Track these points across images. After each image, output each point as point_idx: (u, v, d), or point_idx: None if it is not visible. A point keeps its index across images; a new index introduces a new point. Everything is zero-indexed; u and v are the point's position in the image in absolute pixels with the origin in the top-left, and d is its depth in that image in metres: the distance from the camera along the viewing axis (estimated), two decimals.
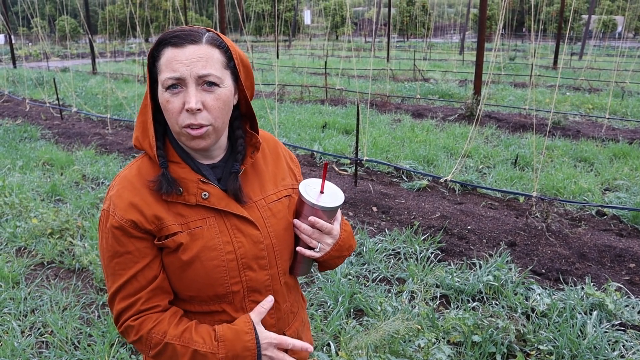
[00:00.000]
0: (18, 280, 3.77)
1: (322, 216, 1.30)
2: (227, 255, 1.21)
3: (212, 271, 1.20)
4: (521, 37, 44.97)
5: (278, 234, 1.30)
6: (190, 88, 1.12)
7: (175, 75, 1.11)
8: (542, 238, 4.32)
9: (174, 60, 1.12)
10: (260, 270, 1.26)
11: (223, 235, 1.21)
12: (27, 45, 34.24)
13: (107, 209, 1.19)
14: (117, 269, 1.18)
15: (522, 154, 6.87)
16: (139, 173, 1.21)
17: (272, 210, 1.31)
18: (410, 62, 19.74)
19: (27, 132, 8.62)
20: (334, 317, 3.12)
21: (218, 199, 1.22)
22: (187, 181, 1.20)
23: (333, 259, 1.36)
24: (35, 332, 3.16)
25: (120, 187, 1.20)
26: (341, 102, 11.53)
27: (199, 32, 1.16)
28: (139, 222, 1.16)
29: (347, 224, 1.44)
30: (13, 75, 15.86)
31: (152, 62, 1.18)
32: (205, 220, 1.21)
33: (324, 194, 1.32)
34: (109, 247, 1.19)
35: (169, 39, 1.14)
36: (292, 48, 36.02)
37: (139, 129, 1.23)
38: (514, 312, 3.20)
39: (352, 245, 1.42)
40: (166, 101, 1.14)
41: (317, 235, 1.31)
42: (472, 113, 9.39)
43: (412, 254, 4.09)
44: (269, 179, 1.35)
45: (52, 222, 4.50)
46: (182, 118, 1.14)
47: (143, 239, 1.18)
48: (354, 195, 5.43)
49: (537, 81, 13.57)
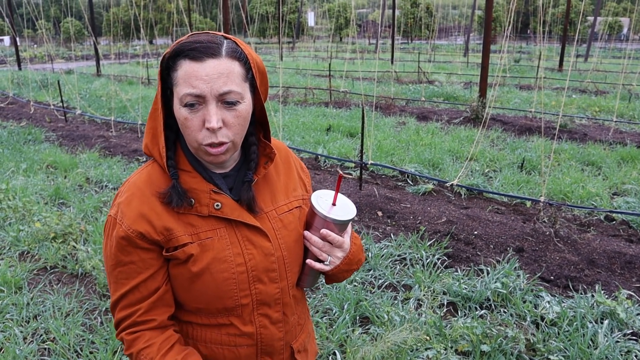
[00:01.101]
0: (21, 285, 3.73)
1: (334, 229, 1.26)
2: (238, 268, 1.18)
3: (222, 283, 1.17)
4: (526, 39, 44.86)
5: (289, 245, 1.26)
6: (210, 106, 1.08)
7: (194, 92, 1.07)
8: (550, 244, 4.26)
9: (192, 76, 1.06)
10: (270, 283, 1.23)
11: (234, 246, 1.18)
12: (33, 47, 34.35)
13: (115, 216, 1.16)
14: (120, 277, 1.16)
15: (529, 157, 6.81)
16: (149, 180, 1.18)
17: (283, 221, 1.27)
18: (415, 64, 19.68)
19: (32, 135, 8.61)
20: (339, 325, 3.07)
21: (231, 209, 1.18)
22: (198, 192, 1.17)
23: (342, 272, 1.33)
24: (37, 338, 3.12)
25: (129, 195, 1.16)
26: (345, 104, 11.49)
27: (217, 43, 1.10)
28: (147, 233, 1.13)
29: (357, 237, 1.40)
30: (18, 77, 15.89)
31: (165, 70, 1.13)
32: (216, 231, 1.17)
33: (336, 206, 1.28)
34: (112, 255, 1.16)
35: (187, 51, 1.08)
36: (296, 50, 36.04)
37: (148, 135, 1.19)
38: (522, 321, 3.14)
39: (362, 259, 1.39)
40: (184, 118, 1.09)
41: (327, 248, 1.28)
42: (477, 116, 9.33)
43: (419, 259, 4.03)
44: (281, 189, 1.32)
45: (55, 226, 4.47)
46: (202, 136, 1.10)
47: (149, 250, 1.15)
48: (359, 200, 5.38)
49: (542, 83, 13.50)
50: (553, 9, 35.00)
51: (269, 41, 46.18)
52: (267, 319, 1.25)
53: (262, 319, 1.23)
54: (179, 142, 1.21)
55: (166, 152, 1.16)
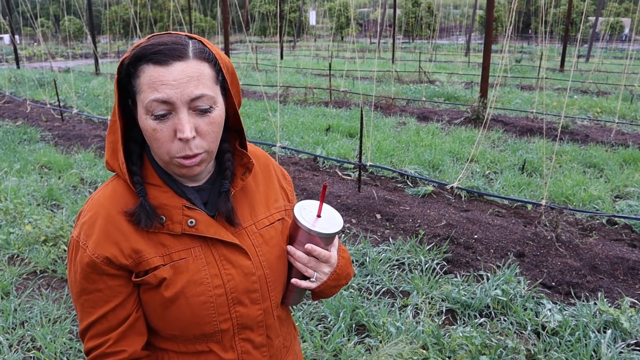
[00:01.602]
0: (8, 290, 3.64)
1: (319, 242, 1.16)
2: (215, 290, 1.07)
3: (199, 308, 1.06)
4: (527, 39, 44.73)
5: (271, 263, 1.16)
6: (181, 114, 0.97)
7: (161, 97, 0.96)
8: (551, 248, 4.17)
9: (158, 81, 0.96)
10: (252, 305, 1.12)
11: (210, 267, 1.07)
12: (32, 45, 34.26)
13: (77, 238, 1.04)
14: (86, 306, 1.05)
15: (530, 159, 6.71)
16: (114, 196, 1.06)
17: (263, 236, 1.17)
18: (416, 64, 19.58)
19: (27, 134, 8.52)
20: (334, 333, 2.97)
21: (206, 226, 1.07)
22: (169, 208, 1.05)
23: (329, 288, 1.23)
24: (23, 347, 3.03)
25: (92, 214, 1.05)
26: (345, 104, 11.39)
27: (183, 44, 0.99)
28: (114, 257, 1.02)
29: (345, 250, 1.30)
30: (15, 76, 15.80)
31: (126, 77, 1.02)
32: (190, 251, 1.06)
33: (321, 218, 1.18)
34: (77, 282, 1.05)
35: (150, 55, 0.97)
36: (296, 49, 35.94)
37: (108, 150, 1.08)
38: (523, 330, 3.05)
39: (350, 273, 1.29)
40: (152, 129, 0.98)
41: (313, 264, 1.18)
42: (478, 116, 9.24)
43: (417, 264, 3.94)
44: (260, 201, 1.21)
45: (46, 228, 4.38)
46: (174, 148, 0.99)
47: (117, 276, 1.04)
48: (357, 202, 5.28)
49: (544, 84, 13.41)
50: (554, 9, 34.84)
51: (270, 40, 46.09)
52: (250, 344, 1.14)
53: (244, 344, 1.13)
54: (146, 154, 1.10)
55: (131, 166, 1.05)
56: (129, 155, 1.06)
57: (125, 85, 1.02)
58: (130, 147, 1.07)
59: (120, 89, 1.03)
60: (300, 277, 1.20)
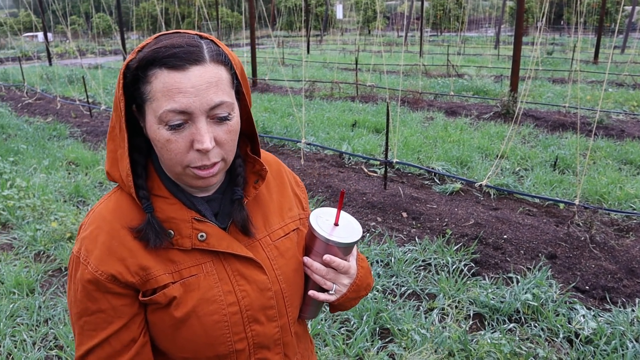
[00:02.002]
0: (33, 287, 3.67)
1: (337, 253, 1.09)
2: (230, 308, 0.99)
3: (212, 328, 0.98)
4: (559, 30, 43.62)
5: (287, 277, 1.08)
6: (200, 124, 0.89)
7: (178, 107, 0.87)
8: (585, 250, 4.00)
9: (174, 89, 0.87)
10: (268, 322, 1.05)
11: (223, 283, 0.99)
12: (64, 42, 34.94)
13: (78, 254, 0.96)
14: (86, 328, 0.96)
15: (562, 155, 6.49)
16: (117, 209, 0.98)
17: (279, 248, 1.09)
18: (444, 57, 19.26)
19: (56, 131, 8.64)
20: (357, 337, 2.89)
21: (218, 240, 0.99)
22: (178, 221, 0.97)
23: (349, 300, 1.15)
24: (46, 344, 3.04)
25: (94, 228, 0.97)
26: (372, 99, 11.25)
27: (197, 45, 0.90)
28: (119, 274, 0.94)
29: (364, 259, 1.22)
30: (47, 73, 16.11)
31: (132, 83, 0.92)
32: (202, 267, 0.99)
33: (338, 226, 1.11)
34: (77, 301, 0.96)
35: (164, 58, 0.88)
36: (323, 43, 35.79)
37: (109, 160, 1.00)
38: (555, 337, 2.92)
39: (370, 283, 1.21)
40: (166, 140, 0.90)
41: (332, 276, 1.10)
42: (508, 111, 9.00)
43: (444, 265, 3.83)
44: (274, 210, 1.13)
45: (71, 225, 4.41)
46: (189, 159, 0.92)
47: (121, 295, 0.96)
48: (383, 200, 5.18)
49: (576, 77, 12.99)
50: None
51: (297, 34, 46.01)
52: None
53: None
54: (151, 163, 1.02)
55: (136, 179, 0.97)
56: (133, 167, 0.98)
57: (130, 91, 0.94)
58: (134, 157, 0.99)
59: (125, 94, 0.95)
60: (318, 290, 1.13)
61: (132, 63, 0.92)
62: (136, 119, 0.98)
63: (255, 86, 13.52)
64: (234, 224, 1.04)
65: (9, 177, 5.75)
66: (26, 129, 8.73)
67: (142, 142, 1.00)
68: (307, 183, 5.75)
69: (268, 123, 8.70)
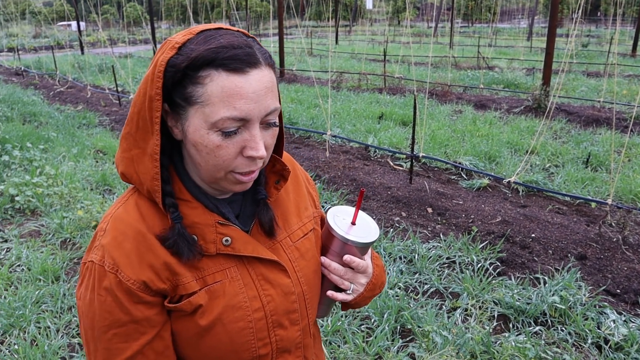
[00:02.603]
0: (59, 275, 3.72)
1: (355, 252, 1.07)
2: (255, 314, 0.95)
3: (237, 335, 0.94)
4: (595, 21, 42.38)
5: (309, 278, 1.05)
6: (255, 130, 0.85)
7: (239, 115, 0.82)
8: (617, 252, 3.86)
9: (236, 95, 0.82)
10: (291, 326, 1.02)
11: (248, 288, 0.96)
12: (97, 31, 35.50)
13: (101, 263, 0.88)
14: (115, 341, 0.89)
15: (595, 152, 6.29)
16: (138, 213, 0.92)
17: (300, 250, 1.05)
18: (474, 49, 18.90)
19: (86, 119, 8.77)
20: (377, 335, 2.85)
21: (243, 244, 0.95)
22: (201, 226, 0.92)
23: (364, 299, 1.13)
24: (69, 332, 3.07)
25: (117, 234, 0.89)
26: (400, 91, 11.11)
27: (252, 47, 0.85)
28: (151, 281, 0.88)
29: (378, 257, 1.20)
30: (79, 62, 16.38)
31: (176, 81, 0.84)
32: (226, 272, 0.94)
33: (356, 225, 1.08)
34: (104, 314, 0.88)
35: (223, 60, 0.82)
36: (352, 33, 35.54)
37: (124, 160, 0.93)
38: (583, 342, 2.82)
39: (384, 281, 1.19)
40: (217, 146, 0.84)
41: (350, 275, 1.08)
42: (539, 105, 8.77)
43: (469, 264, 3.74)
44: (292, 210, 1.09)
45: (96, 214, 4.46)
46: (236, 164, 0.87)
47: (152, 304, 0.90)
48: (408, 194, 5.10)
49: (613, 70, 12.57)
50: None
51: (326, 24, 45.77)
52: None
53: None
54: (173, 166, 0.96)
55: (164, 185, 0.91)
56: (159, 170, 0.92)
57: (168, 90, 0.86)
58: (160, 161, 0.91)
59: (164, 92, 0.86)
60: (334, 289, 1.11)
61: (178, 61, 0.83)
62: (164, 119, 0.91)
63: (282, 77, 13.49)
64: (257, 226, 1.00)
65: (39, 164, 5.86)
66: (57, 117, 8.88)
67: (166, 144, 0.93)
68: (331, 175, 5.70)
69: (294, 114, 8.67)
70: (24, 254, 3.96)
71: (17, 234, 4.36)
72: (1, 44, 27.44)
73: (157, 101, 0.85)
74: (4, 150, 6.29)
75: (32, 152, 6.35)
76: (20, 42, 26.59)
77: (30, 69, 16.20)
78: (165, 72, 0.84)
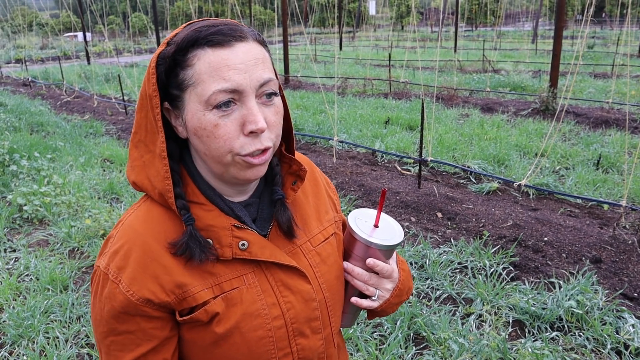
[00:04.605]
0: (67, 284, 3.69)
1: (380, 256, 1.02)
2: (274, 322, 0.92)
3: (256, 344, 0.91)
4: (600, 23, 42.25)
5: (330, 285, 1.01)
6: (251, 103, 0.83)
7: (228, 85, 0.80)
8: (633, 254, 3.79)
9: (223, 66, 0.80)
10: (313, 334, 0.97)
11: (267, 295, 0.92)
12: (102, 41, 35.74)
13: (107, 271, 0.88)
14: (113, 348, 0.89)
15: (606, 153, 6.22)
16: (149, 221, 0.90)
17: (320, 255, 1.01)
18: (479, 52, 18.84)
19: (93, 128, 8.78)
20: (391, 343, 2.79)
21: (261, 248, 0.92)
22: (217, 229, 0.89)
23: (391, 306, 1.08)
24: (78, 342, 3.04)
25: (125, 242, 0.88)
26: (405, 95, 11.07)
27: (238, 25, 0.86)
28: (153, 295, 0.86)
29: (404, 262, 1.15)
30: (85, 72, 16.45)
31: (168, 71, 0.85)
32: (243, 278, 0.91)
33: (379, 228, 1.04)
34: (103, 320, 0.89)
35: (207, 36, 0.81)
36: (356, 39, 35.57)
37: (134, 169, 0.91)
38: (602, 347, 2.75)
39: (411, 286, 1.14)
40: (214, 126, 0.82)
41: (374, 281, 1.04)
42: (547, 107, 8.70)
43: (481, 269, 3.68)
44: (312, 214, 1.05)
45: (104, 222, 4.43)
46: (239, 144, 0.84)
47: (153, 318, 0.88)
48: (417, 199, 5.05)
49: (620, 71, 12.50)
50: None
51: (330, 31, 45.86)
52: None
53: None
54: (184, 168, 0.94)
55: (174, 187, 0.88)
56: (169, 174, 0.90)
57: (163, 85, 0.86)
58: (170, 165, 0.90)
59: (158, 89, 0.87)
60: (359, 296, 1.06)
61: (167, 51, 0.85)
62: (167, 120, 0.91)
63: (287, 83, 13.49)
64: (275, 229, 0.97)
65: (47, 173, 5.85)
66: (64, 127, 8.90)
67: (174, 148, 0.92)
68: (339, 181, 5.66)
69: (300, 120, 8.64)
70: (32, 263, 3.94)
71: (26, 243, 4.34)
72: (9, 56, 27.66)
73: (155, 97, 0.85)
74: (12, 160, 6.30)
75: (39, 161, 6.34)
76: (28, 53, 26.78)
77: (38, 79, 16.29)
78: (157, 66, 0.85)
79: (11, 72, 19.46)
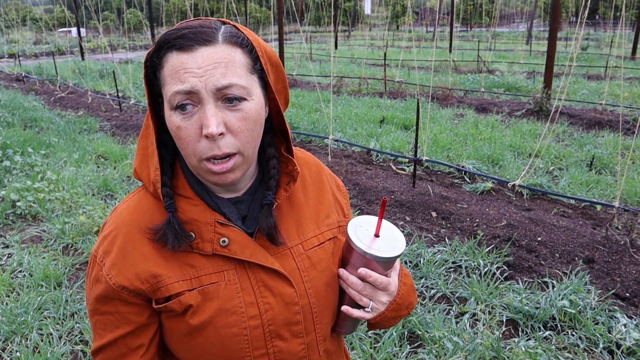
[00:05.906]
0: (61, 280, 3.68)
1: (377, 267, 0.99)
2: (250, 321, 0.92)
3: (230, 341, 0.91)
4: (594, 25, 42.46)
5: (318, 290, 0.99)
6: (207, 106, 0.83)
7: (184, 88, 0.83)
8: (625, 255, 3.82)
9: (181, 69, 0.83)
10: (293, 338, 0.97)
11: (246, 294, 0.92)
12: (97, 37, 35.54)
13: (96, 253, 0.94)
14: (98, 326, 0.96)
15: (599, 154, 6.26)
16: (138, 210, 0.94)
17: (311, 259, 1.00)
18: (474, 53, 18.91)
19: (87, 124, 8.74)
20: (385, 341, 2.80)
21: (241, 247, 0.92)
22: (200, 224, 0.91)
23: (387, 319, 1.05)
24: (72, 339, 3.03)
25: (113, 229, 0.93)
26: (400, 95, 11.09)
27: (212, 27, 0.86)
28: (128, 281, 0.90)
29: (408, 275, 1.11)
30: (79, 68, 16.37)
31: (152, 72, 0.90)
32: (223, 274, 0.92)
33: (379, 238, 1.00)
34: (90, 299, 0.96)
35: (173, 40, 0.85)
36: (351, 38, 35.59)
37: (138, 157, 0.96)
38: (594, 347, 2.77)
39: (413, 302, 1.10)
40: (177, 127, 0.85)
41: (368, 292, 1.00)
42: (541, 108, 8.75)
43: (475, 268, 3.70)
44: (310, 216, 1.04)
45: (98, 219, 4.42)
46: (201, 148, 0.85)
47: (129, 303, 0.92)
48: (412, 199, 5.06)
49: (613, 73, 12.57)
50: None
51: (325, 30, 45.84)
52: None
53: None
54: (179, 161, 0.97)
55: (162, 176, 0.92)
56: (160, 163, 0.94)
57: (152, 81, 0.91)
58: (161, 153, 0.94)
59: (149, 86, 0.92)
60: (353, 305, 1.03)
61: (150, 51, 0.89)
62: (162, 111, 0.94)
63: None
64: (260, 230, 0.97)
65: (40, 169, 5.82)
66: (58, 122, 8.85)
67: (170, 139, 0.95)
68: None
69: (295, 119, 8.64)
70: (26, 259, 3.92)
71: (19, 239, 4.32)
72: (2, 50, 27.45)
73: (147, 93, 0.91)
74: (5, 155, 6.26)
75: (33, 157, 6.31)
76: (21, 48, 26.59)
77: (31, 74, 16.19)
78: (145, 63, 0.90)
79: (4, 67, 19.32)
